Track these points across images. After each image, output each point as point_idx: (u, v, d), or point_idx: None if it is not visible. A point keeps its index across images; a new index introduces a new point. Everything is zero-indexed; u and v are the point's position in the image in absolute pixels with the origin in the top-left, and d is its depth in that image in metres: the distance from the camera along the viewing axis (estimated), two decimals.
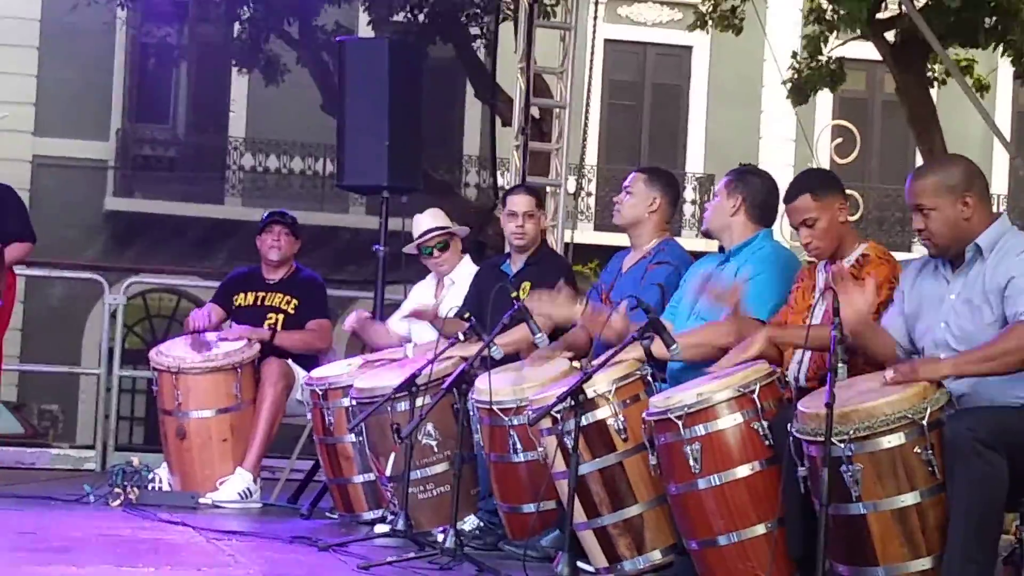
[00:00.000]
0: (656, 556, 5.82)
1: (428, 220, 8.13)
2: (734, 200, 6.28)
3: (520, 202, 7.55)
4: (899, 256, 5.92)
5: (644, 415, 5.61)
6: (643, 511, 5.80)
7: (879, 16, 13.58)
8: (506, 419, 6.32)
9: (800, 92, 14.94)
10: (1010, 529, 5.20)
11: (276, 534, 6.80)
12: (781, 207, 6.09)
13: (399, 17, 17.22)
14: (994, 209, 8.72)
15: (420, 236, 8.09)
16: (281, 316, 8.54)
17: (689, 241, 19.04)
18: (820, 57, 14.76)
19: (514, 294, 6.73)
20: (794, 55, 15.09)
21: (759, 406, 5.40)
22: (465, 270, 8.00)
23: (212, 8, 17.47)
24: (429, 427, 6.84)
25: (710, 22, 15.18)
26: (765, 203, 6.30)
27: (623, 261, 6.88)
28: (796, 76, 14.87)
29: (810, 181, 5.86)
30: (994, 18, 12.82)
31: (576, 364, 6.45)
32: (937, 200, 5.10)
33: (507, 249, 7.82)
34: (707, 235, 6.44)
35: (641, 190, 6.80)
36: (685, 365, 6.02)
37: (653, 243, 6.76)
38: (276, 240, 8.68)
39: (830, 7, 14.09)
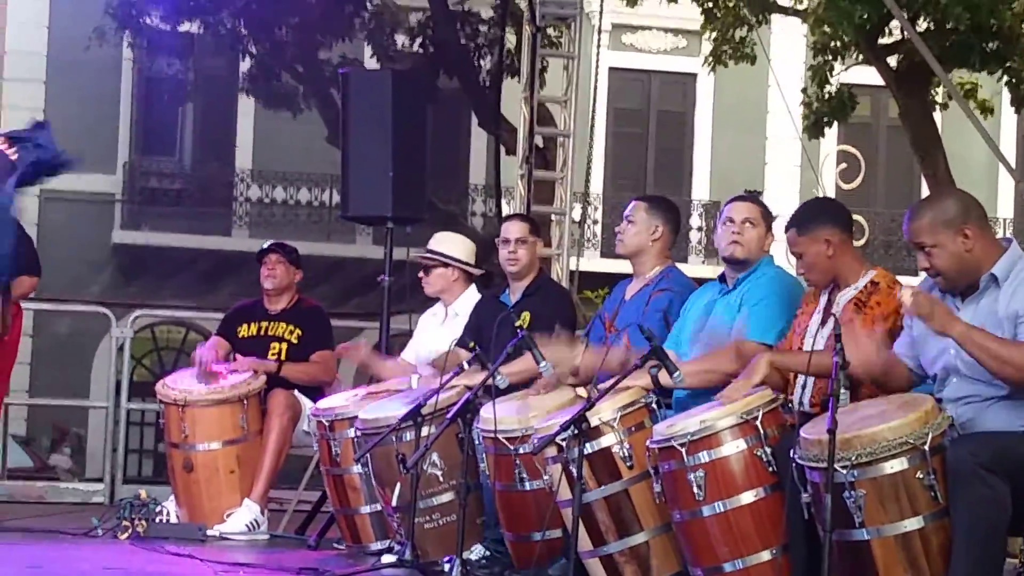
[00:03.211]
0: None
1: (435, 242, 8.15)
2: (766, 234, 6.28)
3: (513, 228, 7.57)
4: (905, 280, 5.91)
5: (648, 443, 5.62)
6: (649, 538, 5.80)
7: (881, 41, 13.60)
8: (511, 448, 6.32)
9: (817, 126, 14.93)
10: (1015, 552, 5.21)
11: (284, 565, 6.80)
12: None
13: (403, 49, 17.29)
14: (1000, 234, 8.75)
15: (423, 253, 8.12)
16: (284, 345, 8.55)
17: (695, 268, 19.17)
18: (828, 88, 14.74)
19: (517, 323, 6.72)
20: (804, 91, 15.06)
21: (762, 432, 5.42)
22: (469, 302, 7.96)
23: (218, 42, 17.52)
24: (435, 457, 6.83)
25: (725, 56, 15.15)
26: None
27: (625, 289, 6.89)
28: (810, 111, 14.85)
29: (798, 215, 5.86)
30: (996, 43, 12.82)
31: (581, 392, 6.46)
32: (937, 236, 5.11)
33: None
34: (733, 261, 6.31)
35: (643, 219, 6.81)
36: (692, 392, 6.02)
37: (656, 271, 6.77)
38: (271, 269, 8.69)
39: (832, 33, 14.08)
